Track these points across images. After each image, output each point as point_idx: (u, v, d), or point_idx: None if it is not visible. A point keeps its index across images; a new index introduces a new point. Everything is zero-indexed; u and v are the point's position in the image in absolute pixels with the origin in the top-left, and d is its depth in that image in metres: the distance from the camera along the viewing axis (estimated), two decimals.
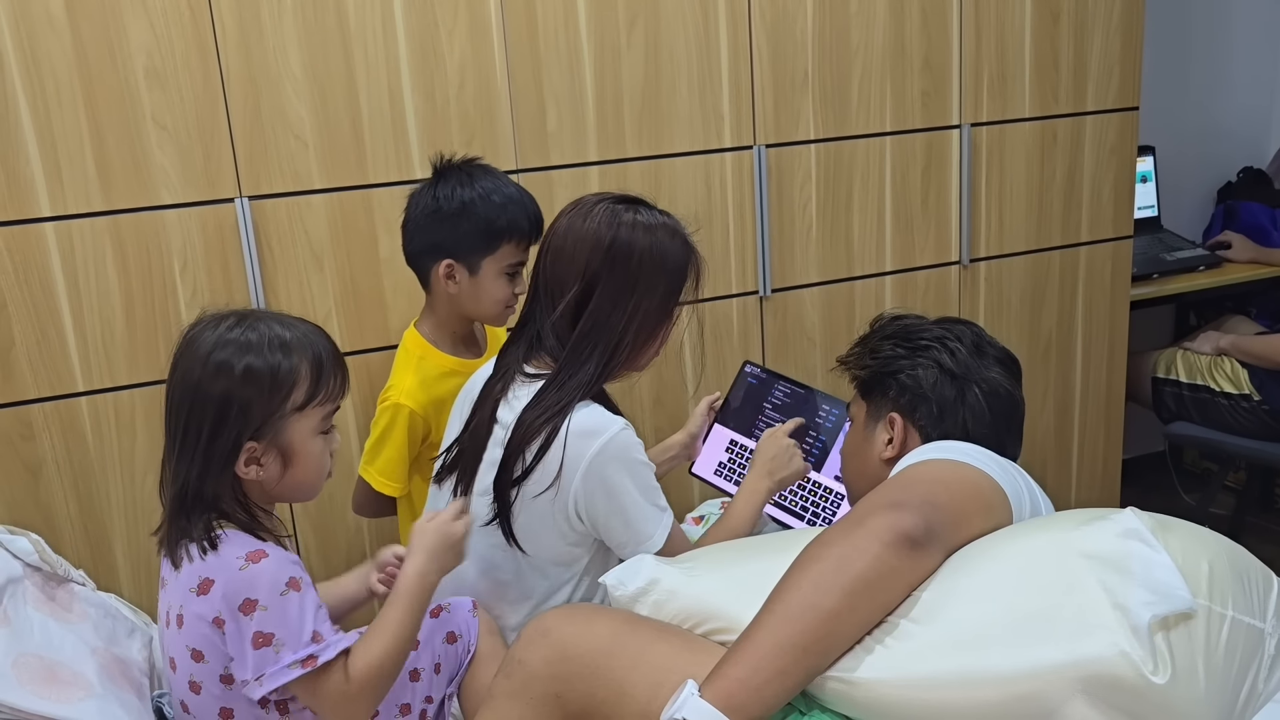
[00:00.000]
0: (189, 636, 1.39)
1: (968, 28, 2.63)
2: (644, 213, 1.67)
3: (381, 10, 2.16)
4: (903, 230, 2.69)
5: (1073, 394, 2.98)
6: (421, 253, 1.98)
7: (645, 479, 1.65)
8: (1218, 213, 3.61)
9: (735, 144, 2.48)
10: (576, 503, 1.63)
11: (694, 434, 2.10)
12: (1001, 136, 2.73)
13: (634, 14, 2.34)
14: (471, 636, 1.67)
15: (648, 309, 1.64)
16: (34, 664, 1.36)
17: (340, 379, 1.45)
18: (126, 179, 2.07)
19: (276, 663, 1.33)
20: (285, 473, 1.42)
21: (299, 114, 2.15)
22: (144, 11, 2.03)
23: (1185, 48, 3.56)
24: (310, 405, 1.41)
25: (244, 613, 1.34)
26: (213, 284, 2.16)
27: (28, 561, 1.52)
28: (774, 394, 2.06)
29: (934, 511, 1.25)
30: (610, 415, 1.65)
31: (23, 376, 2.08)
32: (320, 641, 1.35)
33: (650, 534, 1.65)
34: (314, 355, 1.42)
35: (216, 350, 1.38)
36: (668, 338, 1.72)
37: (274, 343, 1.39)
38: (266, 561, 1.36)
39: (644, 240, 1.63)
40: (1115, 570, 1.15)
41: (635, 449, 1.64)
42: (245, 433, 1.37)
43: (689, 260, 1.69)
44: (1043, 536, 1.25)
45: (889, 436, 1.58)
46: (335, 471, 1.50)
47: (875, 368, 1.62)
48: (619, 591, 1.45)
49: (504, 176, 1.99)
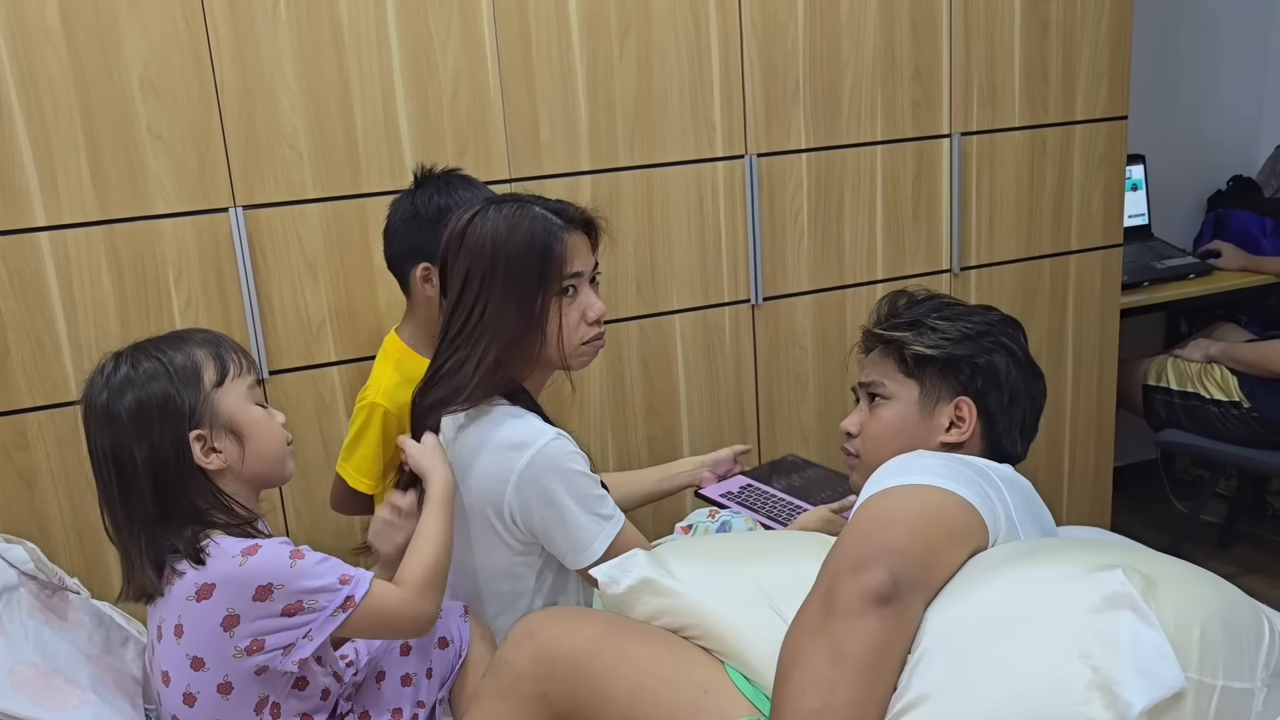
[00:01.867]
0: (190, 645, 1.40)
1: (957, 38, 2.65)
2: (508, 205, 1.64)
3: (375, 21, 2.18)
4: (894, 239, 2.71)
5: (1064, 402, 3.00)
6: (401, 257, 2.02)
7: (581, 488, 1.62)
8: (1208, 221, 3.63)
9: (727, 153, 2.50)
10: (512, 513, 1.64)
11: (708, 464, 2.12)
12: (991, 145, 2.75)
13: (626, 24, 2.36)
14: (463, 642, 1.69)
15: (518, 296, 1.61)
16: (29, 671, 1.37)
17: (240, 354, 1.50)
18: (121, 189, 2.09)
19: (320, 615, 1.39)
20: (244, 449, 1.46)
21: (293, 124, 2.16)
22: (140, 23, 2.04)
23: (1175, 57, 3.58)
24: (226, 380, 1.45)
25: (260, 600, 1.37)
26: (207, 293, 2.17)
27: (23, 570, 1.53)
28: (805, 472, 2.11)
29: (898, 560, 1.19)
30: (540, 426, 1.64)
31: (17, 385, 2.09)
32: (350, 582, 1.42)
33: (588, 544, 1.63)
34: (202, 341, 1.47)
35: (114, 400, 1.41)
36: (566, 325, 1.65)
37: (161, 355, 1.44)
38: (263, 550, 1.39)
39: (492, 229, 1.61)
40: (1104, 646, 1.09)
41: (568, 459, 1.62)
42: (184, 430, 1.41)
43: (548, 241, 1.61)
44: (1031, 595, 1.18)
45: (952, 421, 1.53)
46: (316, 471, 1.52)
47: (943, 348, 1.55)
48: (611, 589, 1.44)
49: (482, 186, 2.02)
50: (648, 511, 2.56)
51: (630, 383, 2.52)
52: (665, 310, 2.52)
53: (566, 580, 1.76)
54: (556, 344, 1.65)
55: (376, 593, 1.44)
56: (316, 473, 2.29)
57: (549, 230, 1.62)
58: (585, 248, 1.67)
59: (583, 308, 1.67)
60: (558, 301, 1.64)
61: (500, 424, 1.64)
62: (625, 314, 2.48)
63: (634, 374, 2.52)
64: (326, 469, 2.29)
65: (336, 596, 1.40)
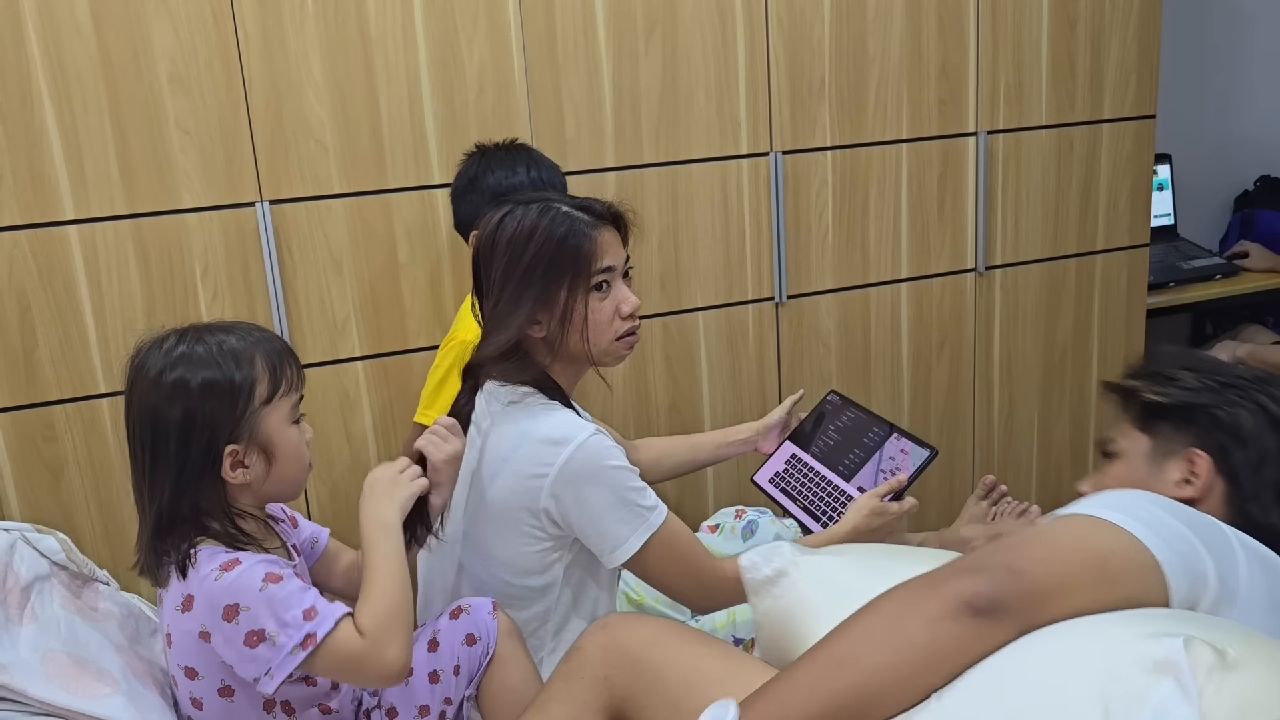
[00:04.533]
0: (180, 655, 1.40)
1: (984, 35, 2.63)
2: (536, 206, 1.65)
3: (402, 17, 2.18)
4: (919, 237, 2.70)
5: (1088, 402, 2.98)
6: (463, 222, 2.08)
7: (619, 482, 1.62)
8: (1234, 221, 3.61)
9: (752, 150, 2.50)
10: (548, 509, 1.63)
11: (769, 426, 2.11)
12: (1018, 144, 2.73)
13: (652, 21, 2.35)
14: (491, 638, 1.68)
15: (551, 295, 1.62)
16: (62, 660, 1.38)
17: (295, 369, 1.48)
18: (149, 183, 2.10)
19: (279, 652, 1.34)
20: (270, 469, 1.44)
21: (320, 119, 2.17)
22: (168, 18, 2.05)
23: (1202, 56, 3.56)
24: (276, 398, 1.43)
25: (227, 620, 1.34)
26: (233, 287, 2.18)
27: (55, 560, 1.54)
28: (842, 417, 2.05)
29: (1013, 580, 1.13)
30: (579, 422, 1.64)
31: (45, 378, 2.10)
32: (314, 617, 1.35)
33: (625, 537, 1.62)
34: (264, 350, 1.44)
35: (168, 370, 1.39)
36: (599, 321, 1.66)
37: (224, 349, 1.41)
38: (239, 568, 1.36)
39: (526, 229, 1.62)
40: (1128, 706, 1.00)
41: (608, 455, 1.62)
42: (220, 441, 1.39)
43: (578, 239, 1.61)
44: (1090, 646, 1.09)
45: (1184, 476, 1.38)
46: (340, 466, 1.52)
47: (1177, 396, 1.43)
48: (750, 574, 1.43)
49: (543, 160, 2.09)
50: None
51: (653, 380, 2.52)
52: (689, 308, 2.52)
53: (592, 577, 1.76)
54: (590, 340, 1.66)
55: (339, 636, 1.36)
56: (341, 467, 2.30)
57: (578, 228, 1.62)
58: (616, 242, 1.67)
59: (616, 302, 1.67)
60: (588, 298, 1.64)
61: (537, 419, 1.64)
62: (649, 311, 2.48)
63: (657, 371, 2.52)
64: (351, 463, 2.30)
65: (297, 634, 1.34)
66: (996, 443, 2.90)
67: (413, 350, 2.32)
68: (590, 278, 1.63)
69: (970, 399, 2.85)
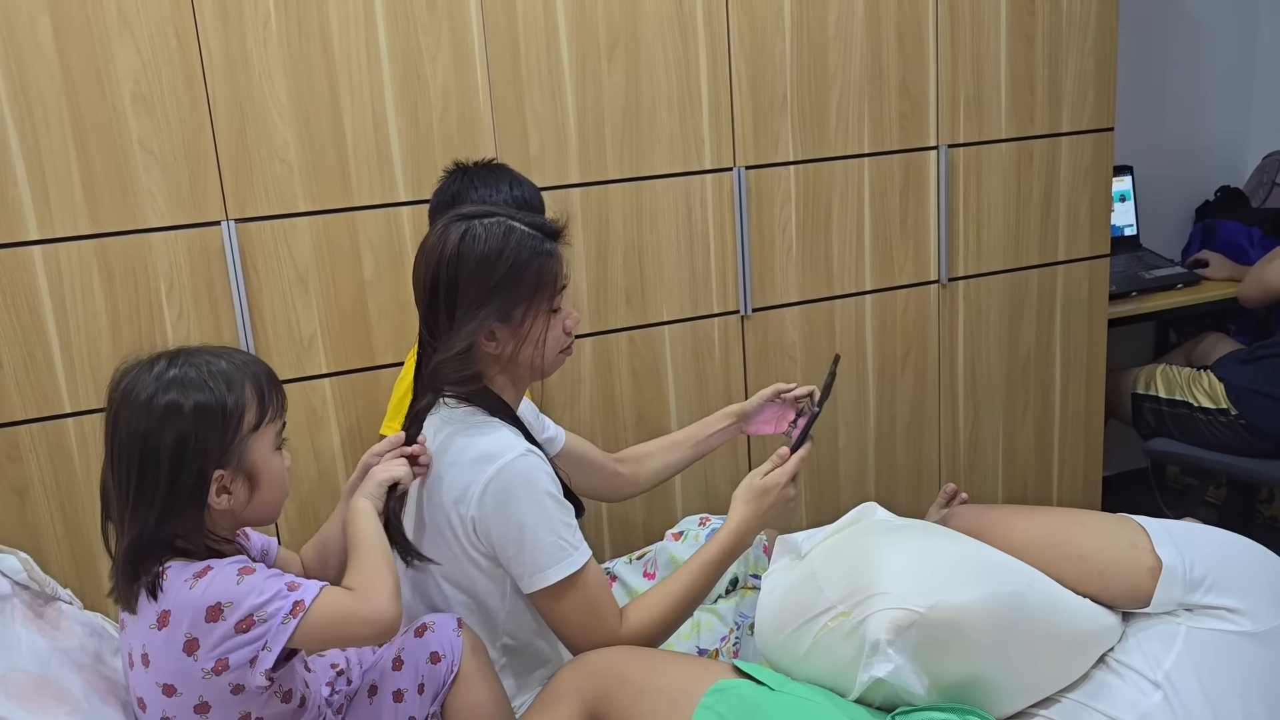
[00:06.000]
0: (158, 673, 1.40)
1: (944, 51, 2.67)
2: (493, 223, 1.65)
3: (365, 36, 2.20)
4: (882, 250, 2.73)
5: (1052, 412, 3.02)
6: None
7: (547, 510, 1.62)
8: (1196, 231, 3.65)
9: (715, 166, 2.52)
10: (475, 525, 1.63)
11: (749, 411, 2.08)
12: (978, 157, 2.77)
13: (615, 38, 2.38)
14: (455, 656, 1.67)
15: (510, 314, 1.64)
16: (22, 679, 1.38)
17: (280, 396, 1.49)
18: (114, 202, 2.10)
19: (271, 624, 1.37)
20: (252, 495, 1.45)
21: (284, 138, 2.18)
22: (131, 38, 2.06)
23: (1162, 68, 3.61)
24: (263, 424, 1.45)
25: (211, 620, 1.36)
26: (198, 306, 2.19)
27: (16, 579, 1.54)
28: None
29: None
30: (512, 440, 1.64)
31: (9, 398, 2.10)
32: (298, 588, 1.40)
33: (544, 567, 1.61)
34: (253, 376, 1.45)
35: (160, 394, 1.39)
36: (549, 334, 1.68)
37: (214, 375, 1.42)
38: (212, 572, 1.38)
39: (491, 249, 1.62)
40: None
41: (535, 477, 1.62)
42: (209, 465, 1.39)
43: (541, 262, 1.64)
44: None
45: None
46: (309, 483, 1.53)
47: None
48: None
49: (518, 177, 2.08)
50: (638, 518, 2.58)
51: (620, 393, 2.54)
52: (655, 321, 2.54)
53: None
54: (544, 355, 1.69)
55: (327, 597, 1.42)
56: (309, 485, 2.31)
57: (540, 250, 1.65)
58: (564, 260, 1.70)
59: (563, 319, 1.71)
60: (548, 318, 1.67)
61: (473, 437, 1.65)
62: (615, 325, 2.50)
63: (624, 385, 2.54)
64: (319, 480, 2.30)
65: (285, 603, 1.38)
66: (962, 452, 2.93)
67: (380, 367, 2.33)
68: (553, 299, 1.67)
69: (935, 409, 2.87)
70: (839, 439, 2.78)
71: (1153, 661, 1.46)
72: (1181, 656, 1.45)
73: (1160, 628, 1.50)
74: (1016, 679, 1.48)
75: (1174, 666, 1.44)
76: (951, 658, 1.42)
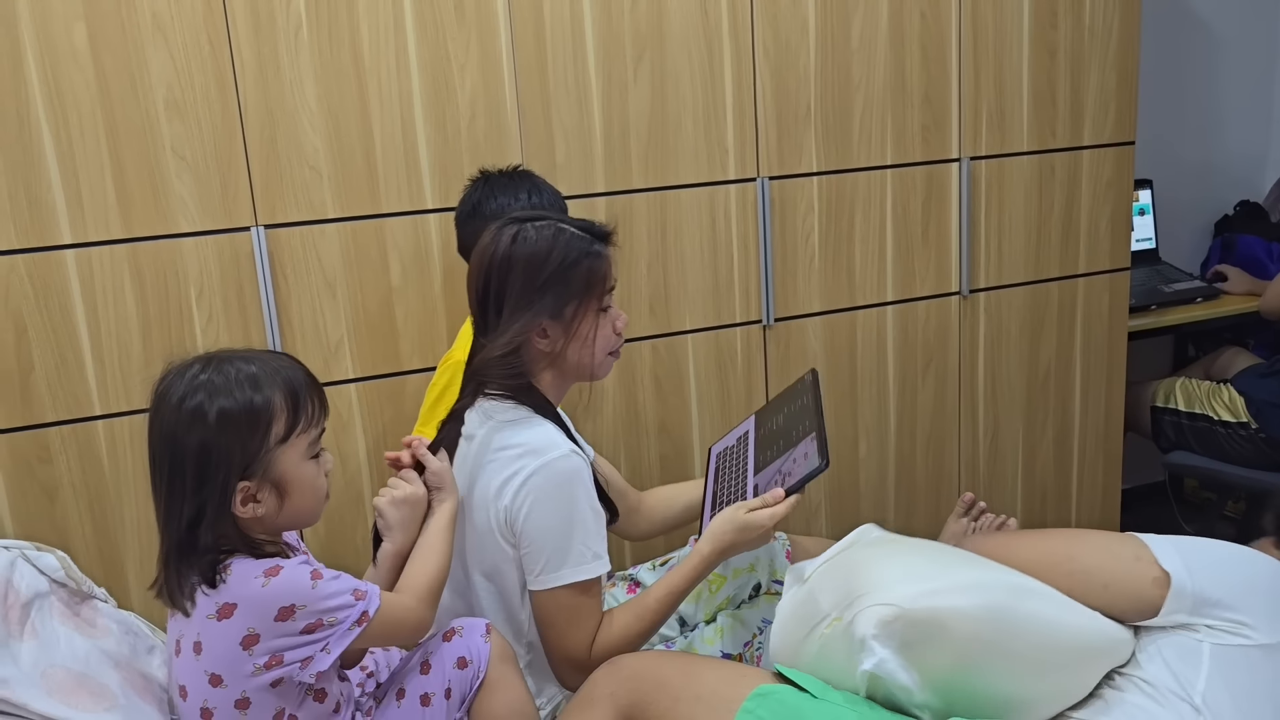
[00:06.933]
0: (208, 662, 1.41)
1: (966, 64, 2.68)
2: (544, 226, 1.70)
3: (395, 45, 2.22)
4: (903, 261, 2.74)
5: (1072, 424, 3.02)
6: (468, 248, 2.07)
7: (580, 513, 1.64)
8: (1215, 245, 3.66)
9: (739, 176, 2.54)
10: (509, 516, 1.66)
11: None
12: (1000, 170, 2.78)
13: (641, 49, 2.40)
14: (482, 662, 1.68)
15: (562, 314, 1.68)
16: (61, 675, 1.40)
17: (318, 403, 1.48)
18: (145, 208, 2.13)
19: (338, 630, 1.42)
20: (283, 504, 1.46)
21: (314, 145, 2.20)
22: (165, 45, 2.08)
23: (1182, 82, 3.62)
24: (293, 435, 1.44)
25: (282, 620, 1.39)
26: (228, 311, 2.21)
27: (54, 578, 1.56)
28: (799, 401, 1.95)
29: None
30: (559, 438, 1.67)
31: (41, 400, 2.12)
32: (364, 597, 1.45)
33: (559, 568, 1.63)
34: (286, 384, 1.44)
35: (188, 398, 1.40)
36: (601, 337, 1.73)
37: (243, 380, 1.41)
38: (284, 572, 1.40)
39: (543, 250, 1.67)
40: None
41: (577, 480, 1.65)
42: (234, 475, 1.40)
43: (592, 262, 1.69)
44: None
45: None
46: (334, 488, 1.55)
47: None
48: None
49: (546, 186, 2.11)
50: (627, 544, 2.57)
51: (643, 402, 2.55)
52: (678, 330, 2.55)
53: None
54: (593, 355, 1.73)
55: (386, 605, 1.48)
56: (335, 490, 2.29)
57: (589, 251, 1.69)
58: (614, 262, 1.74)
59: (612, 319, 1.75)
60: (598, 317, 1.72)
61: (518, 431, 1.68)
62: (639, 334, 2.51)
63: (647, 393, 2.55)
64: (345, 487, 2.32)
65: (353, 612, 1.43)
66: (982, 464, 2.93)
67: (406, 373, 2.35)
68: (602, 298, 1.71)
69: (955, 420, 2.88)
70: (859, 449, 2.79)
71: (1185, 682, 1.45)
72: (1213, 676, 1.44)
73: (1179, 641, 1.50)
74: (1019, 686, 1.48)
75: (1208, 688, 1.43)
76: (938, 652, 1.43)
